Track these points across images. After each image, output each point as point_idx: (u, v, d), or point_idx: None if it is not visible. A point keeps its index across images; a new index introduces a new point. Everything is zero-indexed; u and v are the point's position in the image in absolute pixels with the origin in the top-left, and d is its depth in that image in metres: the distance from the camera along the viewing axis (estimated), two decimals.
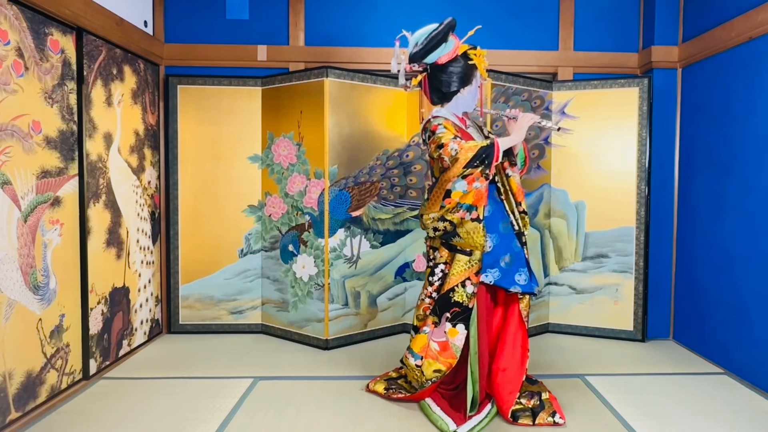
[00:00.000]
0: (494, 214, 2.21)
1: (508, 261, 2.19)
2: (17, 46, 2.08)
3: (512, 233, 2.23)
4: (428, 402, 2.25)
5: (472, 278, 2.14)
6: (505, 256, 2.19)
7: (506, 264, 2.18)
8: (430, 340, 2.23)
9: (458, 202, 2.07)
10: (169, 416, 2.19)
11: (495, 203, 2.23)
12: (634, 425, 2.13)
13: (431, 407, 2.21)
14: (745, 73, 2.68)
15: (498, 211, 2.23)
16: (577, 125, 3.27)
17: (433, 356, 2.21)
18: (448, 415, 2.14)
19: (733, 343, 2.73)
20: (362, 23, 3.43)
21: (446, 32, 2.13)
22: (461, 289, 2.15)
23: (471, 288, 2.14)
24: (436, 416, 2.15)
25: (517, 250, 2.22)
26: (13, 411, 2.05)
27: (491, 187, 2.23)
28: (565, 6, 3.43)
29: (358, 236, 3.17)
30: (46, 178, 2.24)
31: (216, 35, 3.39)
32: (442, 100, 2.26)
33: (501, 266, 2.18)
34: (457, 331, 2.15)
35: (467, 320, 2.15)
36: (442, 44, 2.15)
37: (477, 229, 2.09)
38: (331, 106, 2.99)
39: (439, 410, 2.18)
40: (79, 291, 2.48)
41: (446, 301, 2.18)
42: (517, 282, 2.18)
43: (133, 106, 2.98)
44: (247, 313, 3.35)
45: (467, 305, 2.14)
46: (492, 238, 2.18)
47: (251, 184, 3.30)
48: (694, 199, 3.11)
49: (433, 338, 2.22)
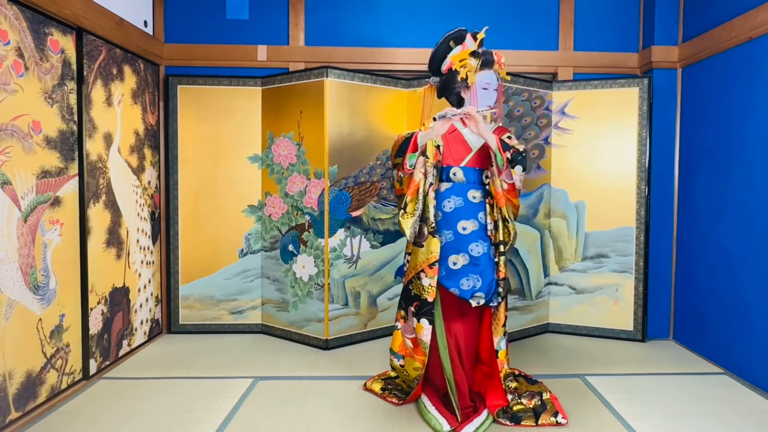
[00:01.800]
0: (457, 212, 2.18)
1: (458, 262, 2.14)
2: (17, 46, 2.08)
3: (478, 237, 2.16)
4: (424, 401, 2.26)
5: (426, 270, 2.14)
6: (456, 257, 2.15)
7: (455, 265, 2.14)
8: (404, 337, 2.28)
9: (403, 192, 2.18)
10: (169, 416, 2.19)
11: (467, 203, 2.19)
12: (634, 425, 2.13)
13: (426, 406, 2.22)
14: (745, 73, 2.68)
15: (465, 211, 2.18)
16: (577, 125, 3.27)
17: (409, 354, 2.26)
18: (443, 415, 2.14)
19: (733, 343, 2.73)
20: (362, 23, 3.43)
21: (447, 43, 2.21)
22: (417, 281, 2.18)
23: (427, 281, 2.14)
24: (430, 416, 2.16)
25: (478, 255, 2.14)
26: (13, 411, 2.05)
27: (470, 187, 2.21)
28: (565, 6, 3.43)
29: (358, 236, 3.17)
30: (46, 178, 2.24)
31: (216, 35, 3.39)
32: (456, 105, 2.31)
33: (448, 265, 2.15)
34: (422, 326, 2.17)
35: (430, 314, 2.16)
36: (446, 54, 2.22)
37: (402, 218, 2.16)
38: (331, 106, 2.99)
39: (434, 410, 2.18)
40: (79, 291, 2.48)
41: (407, 294, 2.24)
42: (459, 285, 2.13)
43: (133, 106, 2.98)
44: (247, 313, 3.35)
45: (426, 298, 2.15)
46: (446, 235, 2.17)
47: (251, 184, 3.30)
48: (694, 199, 3.11)
49: (406, 334, 2.27)
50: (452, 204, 2.19)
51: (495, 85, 2.22)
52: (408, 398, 2.30)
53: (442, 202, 2.21)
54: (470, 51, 2.20)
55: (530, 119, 3.23)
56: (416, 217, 2.15)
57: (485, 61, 2.19)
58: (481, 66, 2.18)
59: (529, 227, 3.25)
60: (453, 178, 2.23)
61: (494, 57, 2.21)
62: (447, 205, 2.20)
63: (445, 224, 2.19)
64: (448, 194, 2.21)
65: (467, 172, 2.22)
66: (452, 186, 2.22)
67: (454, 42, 2.20)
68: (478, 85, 2.19)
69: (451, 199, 2.20)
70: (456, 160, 2.23)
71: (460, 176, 2.22)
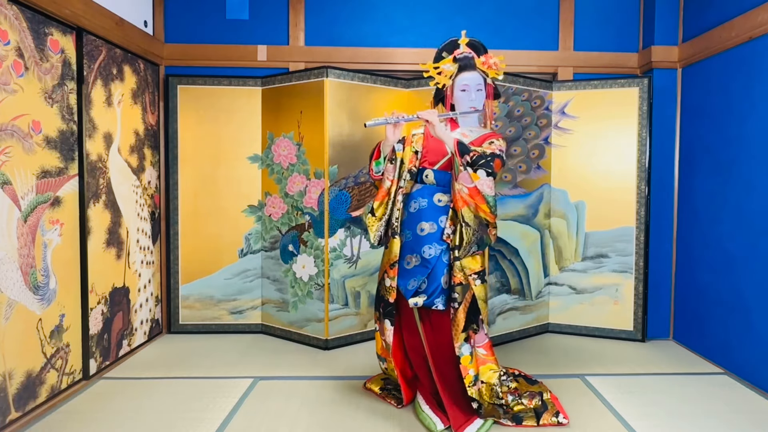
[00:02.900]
0: (420, 214, 2.19)
1: (411, 262, 2.17)
2: (17, 46, 2.08)
3: (434, 240, 2.14)
4: (419, 400, 2.27)
5: (388, 271, 2.20)
6: (410, 257, 2.17)
7: (408, 265, 2.17)
8: (381, 338, 2.32)
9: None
10: (169, 416, 2.19)
11: (431, 205, 2.20)
12: (634, 425, 2.13)
13: (421, 406, 2.23)
14: (745, 73, 2.68)
15: (428, 213, 2.19)
16: (577, 125, 3.27)
17: (386, 355, 2.31)
18: (436, 414, 2.15)
19: (733, 343, 2.73)
20: (362, 23, 3.43)
21: (440, 55, 2.31)
22: (382, 282, 2.23)
23: (388, 281, 2.19)
24: (424, 415, 2.17)
25: (429, 257, 2.12)
26: (13, 411, 2.05)
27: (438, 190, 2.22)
28: (565, 6, 3.43)
29: (358, 236, 3.17)
30: (46, 178, 2.24)
31: (216, 35, 3.39)
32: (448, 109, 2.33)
33: (403, 265, 2.18)
34: (386, 327, 2.24)
35: (391, 315, 2.22)
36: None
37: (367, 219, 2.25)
38: (331, 106, 2.99)
39: (428, 409, 2.20)
40: (79, 291, 2.48)
41: (377, 294, 2.29)
42: (406, 285, 2.14)
43: (133, 106, 2.98)
44: (247, 313, 3.35)
45: (388, 299, 2.20)
46: (406, 234, 2.20)
47: (251, 184, 3.30)
48: (694, 199, 3.11)
49: (381, 335, 2.31)
50: (417, 205, 2.22)
51: (476, 86, 2.22)
52: (405, 402, 2.31)
53: (410, 203, 2.24)
54: (450, 59, 2.26)
55: (530, 119, 3.23)
56: (383, 221, 2.24)
57: (463, 66, 2.22)
58: (459, 70, 2.22)
59: (529, 227, 3.25)
60: (425, 180, 2.26)
61: (474, 60, 2.23)
62: (413, 205, 2.23)
63: (407, 224, 2.22)
64: (416, 195, 2.24)
65: (438, 174, 2.23)
66: (422, 188, 2.25)
67: (447, 52, 2.29)
68: (457, 88, 2.23)
69: (417, 200, 2.23)
70: (431, 163, 2.26)
71: (431, 178, 2.24)
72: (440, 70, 2.26)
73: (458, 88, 2.22)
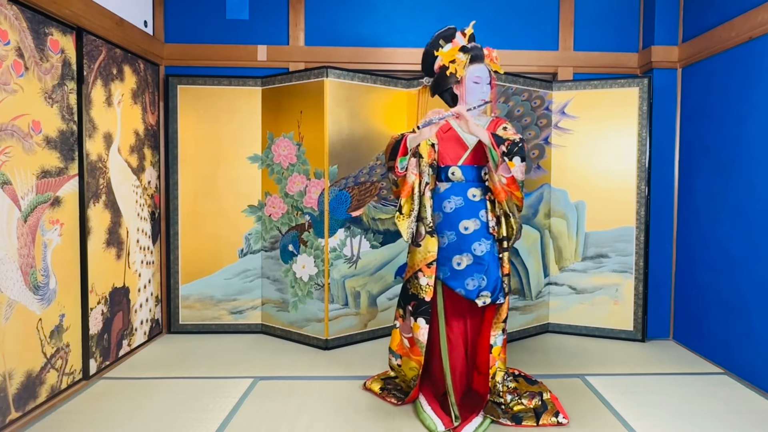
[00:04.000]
0: (458, 212, 2.17)
1: (462, 262, 2.13)
2: (17, 46, 2.08)
3: (480, 236, 2.14)
4: (420, 401, 2.26)
5: (424, 270, 2.15)
6: (459, 257, 2.14)
7: (459, 265, 2.13)
8: (402, 336, 2.28)
9: (398, 193, 2.20)
10: (169, 416, 2.19)
11: (467, 202, 2.18)
12: (634, 425, 2.13)
13: (422, 406, 2.22)
14: (745, 73, 2.68)
15: (466, 211, 2.17)
16: (577, 125, 3.27)
17: (406, 353, 2.26)
18: (438, 416, 2.14)
19: (732, 343, 2.73)
20: (362, 23, 3.43)
21: (437, 42, 2.23)
22: (415, 281, 2.18)
23: (425, 280, 2.15)
24: (425, 415, 2.16)
25: (481, 254, 2.12)
26: (13, 411, 2.05)
27: (469, 186, 2.21)
28: (565, 6, 3.43)
29: (358, 236, 3.17)
30: (46, 178, 2.24)
31: (216, 35, 3.39)
32: (452, 103, 2.31)
33: (452, 266, 2.14)
34: (419, 325, 2.17)
35: (427, 314, 2.16)
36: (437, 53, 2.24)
37: (398, 219, 2.18)
38: (331, 106, 2.99)
39: (430, 410, 2.18)
40: (79, 291, 2.48)
41: (405, 292, 2.25)
42: (465, 286, 2.12)
43: (133, 106, 2.98)
44: (247, 313, 3.35)
45: (423, 298, 2.15)
46: (448, 235, 2.17)
47: (251, 184, 3.30)
48: (694, 199, 3.11)
49: (404, 333, 2.27)
50: (452, 204, 2.19)
51: (487, 78, 2.21)
52: (407, 399, 2.30)
53: (443, 203, 2.20)
54: (459, 47, 2.20)
55: (530, 119, 3.23)
56: (412, 218, 2.18)
57: (474, 56, 2.19)
58: (471, 60, 2.18)
59: (529, 227, 3.25)
60: (452, 178, 2.23)
61: (484, 51, 2.21)
62: (447, 205, 2.19)
63: (447, 225, 2.18)
64: (447, 194, 2.21)
65: (465, 170, 2.22)
66: (451, 186, 2.22)
67: (444, 40, 2.22)
68: (469, 79, 2.19)
69: (451, 199, 2.19)
70: (453, 159, 2.23)
71: (459, 175, 2.22)
72: (454, 58, 2.18)
73: (471, 79, 2.19)
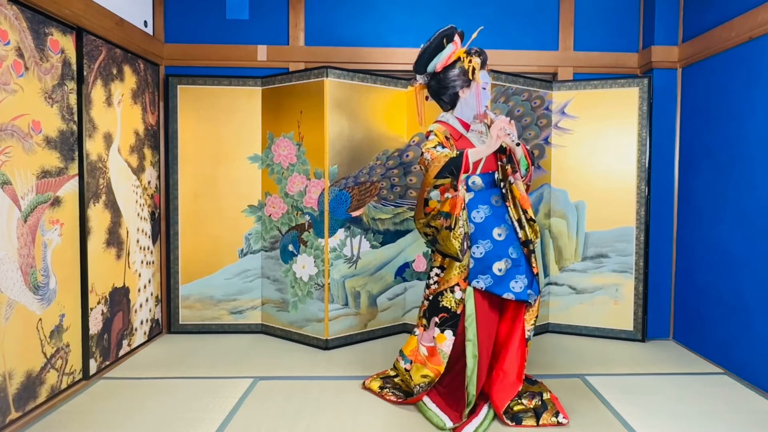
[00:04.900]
0: (489, 221, 2.18)
1: (503, 268, 2.14)
2: (17, 46, 2.08)
3: (511, 240, 2.18)
4: (424, 400, 2.26)
5: (461, 284, 2.16)
6: (499, 263, 2.14)
7: (500, 271, 2.14)
8: (420, 344, 2.27)
9: (439, 210, 2.08)
10: (169, 416, 2.19)
11: (493, 209, 2.20)
12: (634, 425, 2.13)
13: (427, 404, 2.23)
14: (745, 73, 2.68)
15: (494, 218, 2.19)
16: (577, 125, 3.27)
17: (421, 361, 2.24)
18: (444, 412, 2.15)
19: (732, 343, 2.73)
20: (362, 23, 3.43)
21: (440, 41, 2.17)
22: (449, 294, 2.17)
23: (459, 294, 2.16)
24: (432, 413, 2.17)
25: (516, 257, 2.16)
26: (13, 411, 2.05)
27: (490, 193, 2.22)
28: (565, 6, 3.43)
29: (358, 236, 3.17)
30: (46, 178, 2.24)
31: (216, 35, 3.39)
32: (449, 106, 2.29)
33: (494, 273, 2.14)
34: (445, 337, 2.17)
35: (455, 326, 2.16)
36: (438, 52, 2.19)
37: (448, 237, 2.07)
38: (331, 106, 2.99)
39: (435, 407, 2.19)
40: (79, 291, 2.48)
41: (435, 305, 2.22)
42: (511, 289, 2.13)
43: (133, 106, 2.98)
44: (247, 313, 3.35)
45: (455, 311, 2.16)
46: (483, 244, 2.16)
47: (251, 184, 3.30)
48: (694, 199, 3.11)
49: (423, 342, 2.26)
50: (482, 213, 2.19)
51: (489, 85, 2.23)
52: (408, 399, 2.30)
53: (471, 213, 2.19)
54: (471, 49, 2.18)
55: (530, 119, 3.23)
56: (464, 234, 2.10)
57: (483, 61, 2.19)
58: (480, 65, 2.18)
59: None
60: (473, 187, 2.22)
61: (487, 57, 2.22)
62: (476, 215, 2.19)
63: (480, 234, 2.17)
64: (474, 204, 2.20)
65: (484, 177, 2.24)
66: (475, 195, 2.21)
67: (446, 39, 2.17)
68: (480, 84, 2.18)
69: (479, 208, 2.20)
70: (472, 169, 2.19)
71: (479, 183, 2.22)
72: (471, 59, 2.16)
73: (482, 84, 2.18)
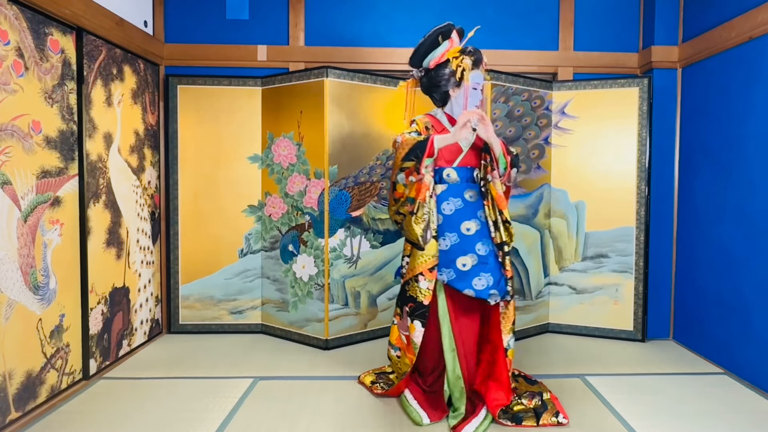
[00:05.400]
0: (458, 214, 2.18)
1: (467, 263, 2.13)
2: (17, 46, 2.08)
3: (482, 237, 2.16)
4: (406, 394, 2.29)
5: (425, 273, 2.13)
6: (464, 258, 2.13)
7: (464, 266, 2.13)
8: (400, 331, 2.29)
9: (407, 196, 2.10)
10: (169, 416, 2.19)
11: (465, 204, 2.19)
12: (634, 425, 2.13)
13: (408, 400, 2.25)
14: (745, 73, 2.68)
15: (465, 212, 2.18)
16: (577, 125, 3.27)
17: (404, 348, 2.27)
18: (424, 409, 2.17)
19: (733, 343, 2.73)
20: (362, 23, 3.43)
21: (435, 38, 2.19)
22: (414, 284, 2.16)
23: (425, 284, 2.13)
24: (411, 408, 2.19)
25: (484, 254, 2.14)
26: (13, 411, 2.05)
27: (465, 187, 2.21)
28: (565, 6, 3.43)
29: (358, 236, 3.17)
30: (46, 178, 2.24)
31: (216, 35, 3.39)
32: (440, 102, 2.30)
33: (457, 267, 2.13)
34: (415, 327, 2.17)
35: (423, 317, 2.15)
36: (433, 49, 2.21)
37: (410, 222, 2.09)
38: (331, 106, 2.99)
39: (416, 403, 2.21)
40: (79, 291, 2.48)
41: (403, 294, 2.24)
42: (473, 286, 2.11)
43: (133, 106, 2.98)
44: (247, 313, 3.35)
45: (422, 301, 2.14)
46: (450, 237, 2.16)
47: (251, 184, 3.30)
48: (694, 199, 3.11)
49: (401, 330, 2.28)
50: (452, 206, 2.19)
51: (482, 84, 2.23)
52: (389, 390, 2.32)
53: (441, 205, 2.20)
54: (466, 49, 2.18)
55: (530, 119, 3.23)
56: (427, 220, 2.10)
57: (476, 61, 2.18)
58: (472, 65, 2.17)
59: (529, 227, 3.25)
60: (447, 180, 2.23)
61: (483, 56, 2.20)
62: (446, 207, 2.19)
63: (448, 227, 2.17)
64: (445, 196, 2.20)
65: (460, 171, 2.23)
66: (448, 187, 2.22)
67: (442, 37, 2.18)
68: (470, 84, 2.18)
69: (449, 201, 2.19)
70: (448, 161, 2.23)
71: (454, 177, 2.22)
72: (461, 60, 2.15)
73: (471, 84, 2.18)
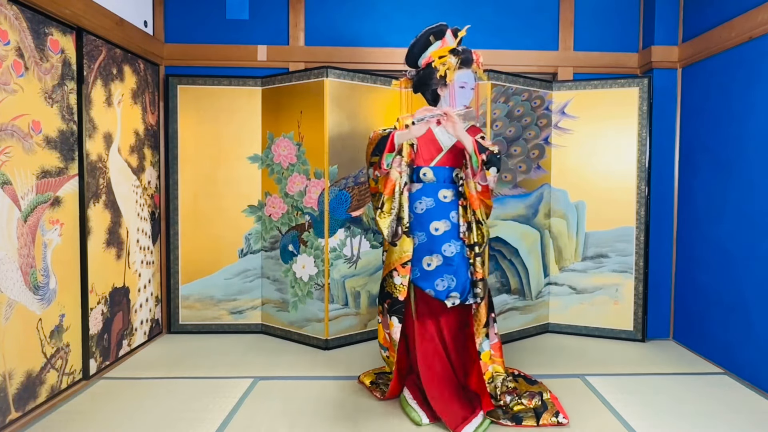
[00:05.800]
0: (429, 213, 2.18)
1: (432, 263, 2.14)
2: (17, 46, 2.08)
3: (451, 238, 2.16)
4: (405, 394, 2.29)
5: (399, 269, 2.15)
6: (429, 258, 2.14)
7: (429, 266, 2.14)
8: (384, 330, 2.30)
9: (379, 191, 2.16)
10: (169, 416, 2.19)
11: (438, 204, 2.19)
12: (634, 425, 2.13)
13: (407, 399, 2.26)
14: (745, 73, 2.68)
15: (436, 212, 2.18)
16: (577, 125, 3.27)
17: (389, 345, 2.30)
18: (422, 409, 2.17)
19: (733, 343, 2.73)
20: (362, 23, 3.43)
21: (426, 38, 2.21)
22: (390, 279, 2.19)
23: (399, 279, 2.15)
24: (410, 408, 2.20)
25: (450, 256, 2.13)
26: (13, 411, 2.05)
27: (440, 187, 2.20)
28: (565, 6, 3.43)
29: (358, 236, 3.17)
30: (46, 178, 2.24)
31: (216, 35, 3.39)
32: (431, 101, 2.32)
33: (422, 266, 2.15)
34: (393, 323, 2.20)
35: (400, 313, 2.18)
36: (425, 49, 2.23)
37: (377, 216, 2.15)
38: (331, 106, 2.99)
39: (415, 403, 2.22)
40: (79, 291, 2.48)
41: (382, 290, 2.26)
42: (434, 286, 2.12)
43: (133, 106, 2.98)
44: (247, 313, 3.35)
45: (397, 297, 2.16)
46: (419, 236, 2.17)
47: (251, 184, 3.30)
48: (694, 199, 3.11)
49: (384, 328, 2.30)
50: (424, 205, 2.19)
51: (472, 84, 2.22)
52: (387, 394, 2.33)
53: (414, 204, 2.21)
54: (450, 48, 2.18)
55: (530, 119, 3.23)
56: (393, 216, 2.15)
57: (464, 60, 2.18)
58: (460, 65, 2.17)
59: (529, 227, 3.25)
60: (423, 179, 2.23)
61: (473, 56, 2.20)
62: (419, 206, 2.20)
63: (417, 226, 2.19)
64: (419, 195, 2.21)
65: (437, 171, 2.22)
66: (423, 186, 2.22)
67: (434, 37, 2.21)
68: (456, 83, 2.18)
69: (422, 200, 2.20)
70: (426, 160, 2.23)
71: (431, 176, 2.22)
72: (445, 60, 2.17)
73: (458, 84, 2.19)
